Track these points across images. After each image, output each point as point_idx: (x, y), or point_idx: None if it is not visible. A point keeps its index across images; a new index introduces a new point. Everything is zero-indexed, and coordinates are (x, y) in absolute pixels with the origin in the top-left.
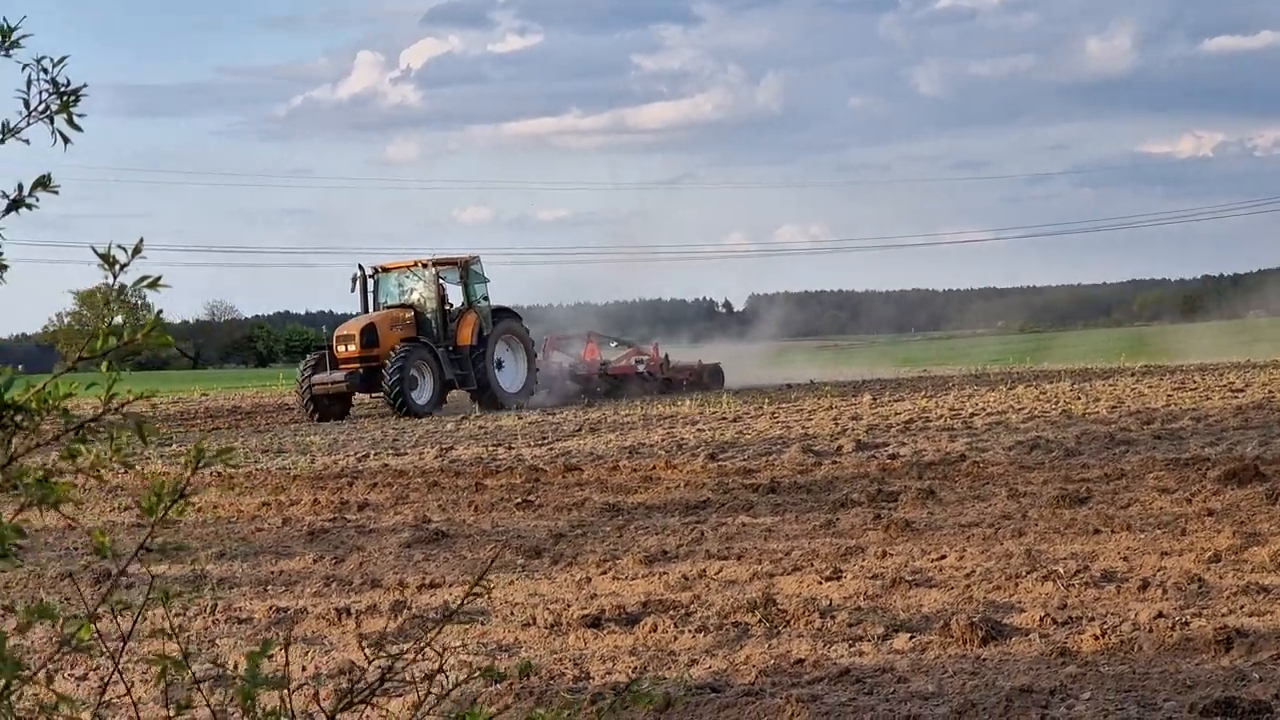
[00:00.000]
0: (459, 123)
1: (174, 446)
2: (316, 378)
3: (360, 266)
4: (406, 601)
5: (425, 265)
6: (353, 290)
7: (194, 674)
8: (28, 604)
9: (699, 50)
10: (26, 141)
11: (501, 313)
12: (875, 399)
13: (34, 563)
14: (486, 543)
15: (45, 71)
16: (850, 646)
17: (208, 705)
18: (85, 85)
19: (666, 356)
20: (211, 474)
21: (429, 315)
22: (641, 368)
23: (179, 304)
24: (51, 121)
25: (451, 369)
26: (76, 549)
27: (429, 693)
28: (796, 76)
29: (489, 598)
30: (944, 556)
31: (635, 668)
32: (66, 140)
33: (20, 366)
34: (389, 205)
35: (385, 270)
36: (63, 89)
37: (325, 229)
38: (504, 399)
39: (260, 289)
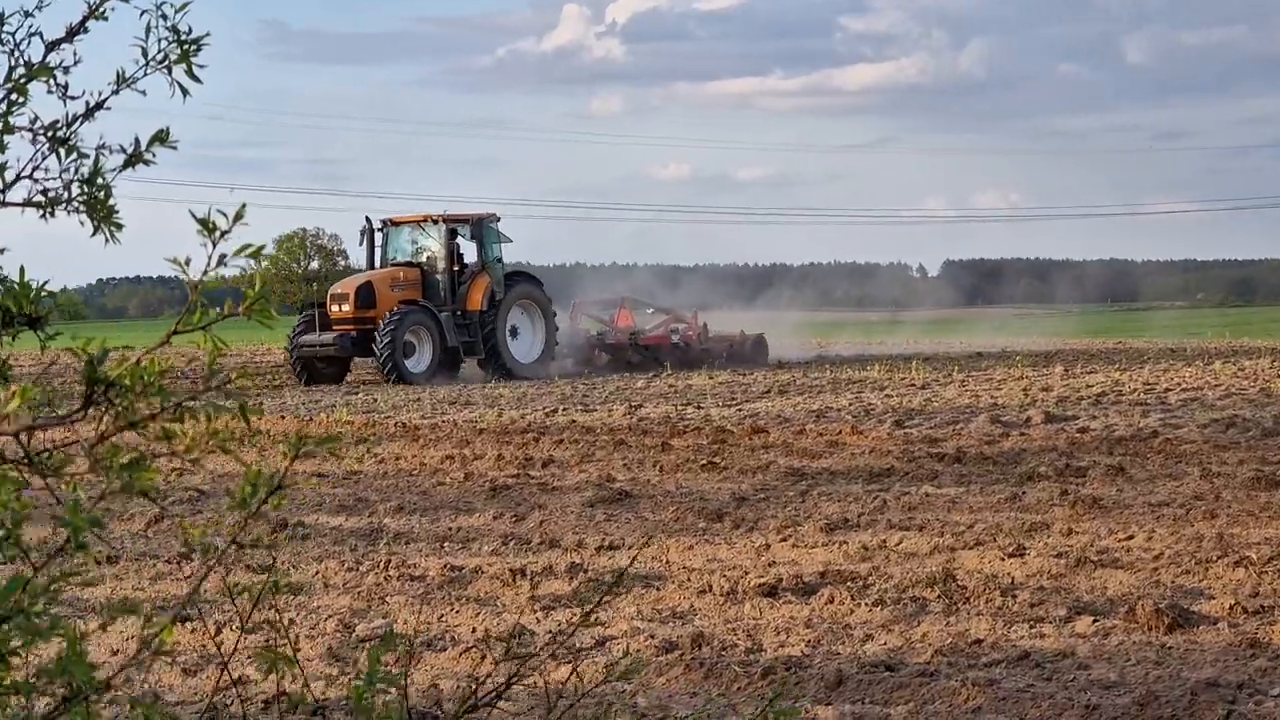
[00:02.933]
0: (662, 79)
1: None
2: (305, 339)
3: (368, 219)
4: (584, 564)
5: (436, 221)
6: (360, 244)
7: (302, 672)
8: (203, 551)
9: (905, 12)
10: (143, 93)
11: (519, 276)
12: (1067, 370)
13: (214, 508)
14: (669, 504)
15: (165, 18)
16: (1031, 628)
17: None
18: (208, 34)
19: (705, 326)
20: (396, 425)
21: (438, 276)
22: (676, 337)
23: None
24: (170, 72)
25: (457, 335)
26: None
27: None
28: (1002, 42)
29: (666, 563)
30: (1131, 537)
31: (810, 641)
32: (185, 92)
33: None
34: (587, 160)
35: (395, 224)
36: (183, 37)
37: (521, 182)
38: (516, 369)
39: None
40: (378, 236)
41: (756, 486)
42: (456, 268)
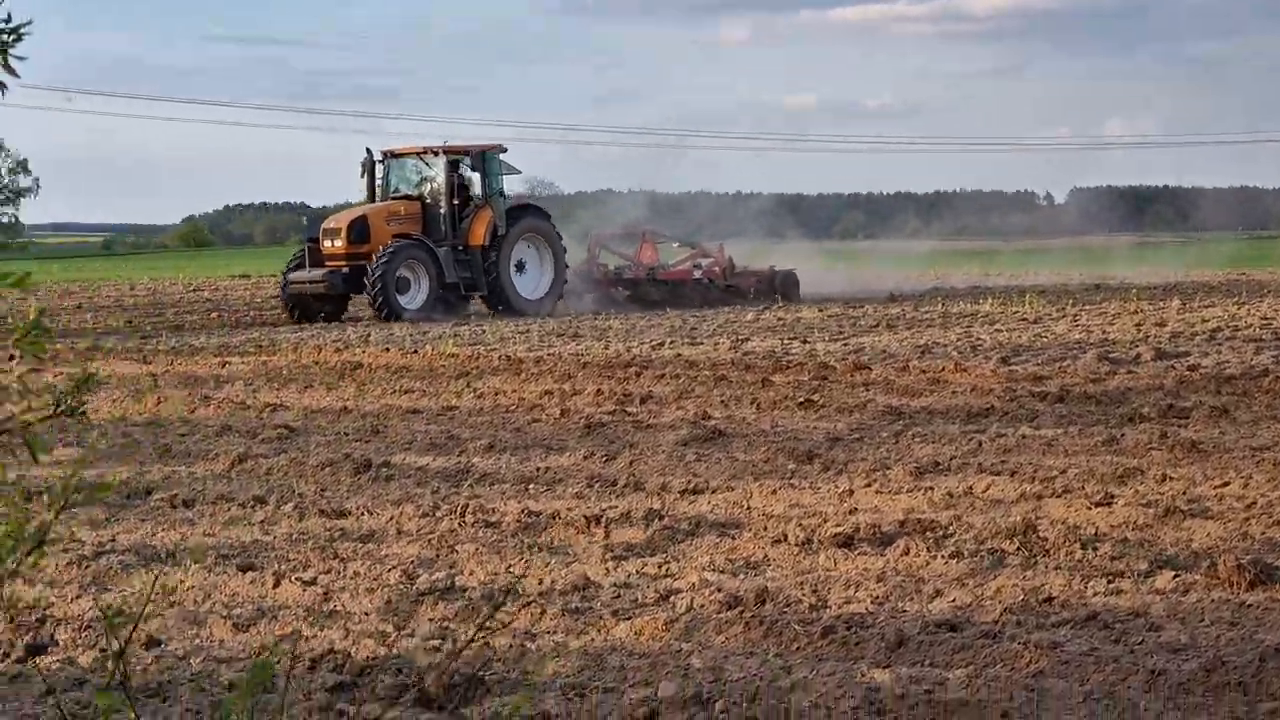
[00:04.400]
0: (790, 6)
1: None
2: (295, 275)
3: (368, 150)
4: (663, 510)
5: (437, 152)
6: (361, 176)
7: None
8: (282, 493)
9: None
10: None
11: (525, 209)
12: (1184, 304)
13: (301, 448)
14: (761, 444)
15: None
16: (1108, 583)
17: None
18: (29, 22)
19: (731, 260)
20: (500, 358)
21: (439, 209)
22: (699, 273)
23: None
24: None
25: (457, 271)
26: (348, 433)
27: None
28: None
29: (747, 508)
30: (1227, 484)
31: (877, 597)
32: (3, 87)
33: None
34: (713, 87)
35: (396, 156)
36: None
37: (647, 110)
38: (521, 306)
39: (581, 167)
40: (378, 169)
41: (852, 426)
42: (457, 201)
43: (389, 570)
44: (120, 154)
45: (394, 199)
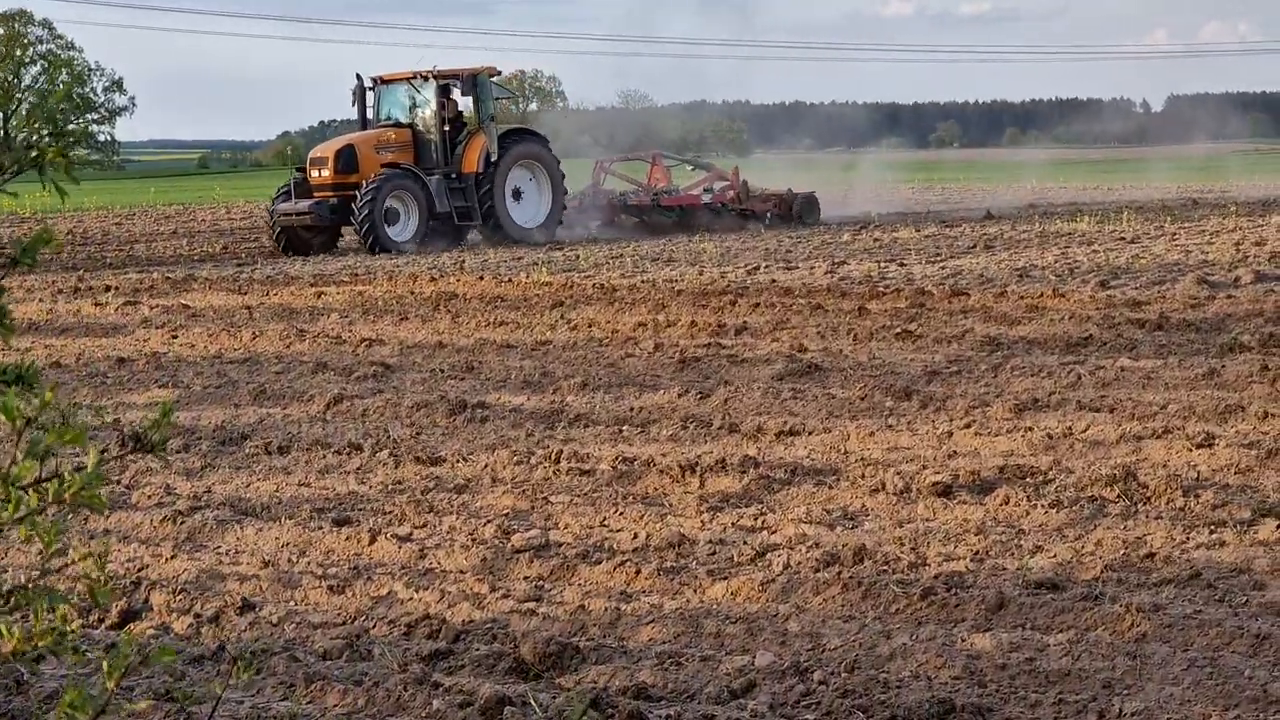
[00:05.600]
0: None
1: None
2: (281, 206)
3: (359, 76)
4: (758, 455)
5: (426, 77)
6: (352, 104)
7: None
8: (377, 439)
9: None
10: None
11: (521, 134)
12: None
13: (396, 387)
14: (858, 379)
15: None
16: (1210, 534)
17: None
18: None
19: (745, 183)
20: (594, 286)
21: (431, 136)
22: (708, 197)
23: (594, 90)
24: None
25: (449, 200)
26: (443, 371)
27: None
28: None
29: (844, 452)
30: None
31: (977, 552)
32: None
33: None
34: None
35: (386, 82)
36: None
37: (747, 19)
38: (517, 234)
39: (676, 77)
40: (369, 96)
41: (950, 358)
42: (448, 128)
43: (484, 524)
44: (216, 71)
45: (383, 126)
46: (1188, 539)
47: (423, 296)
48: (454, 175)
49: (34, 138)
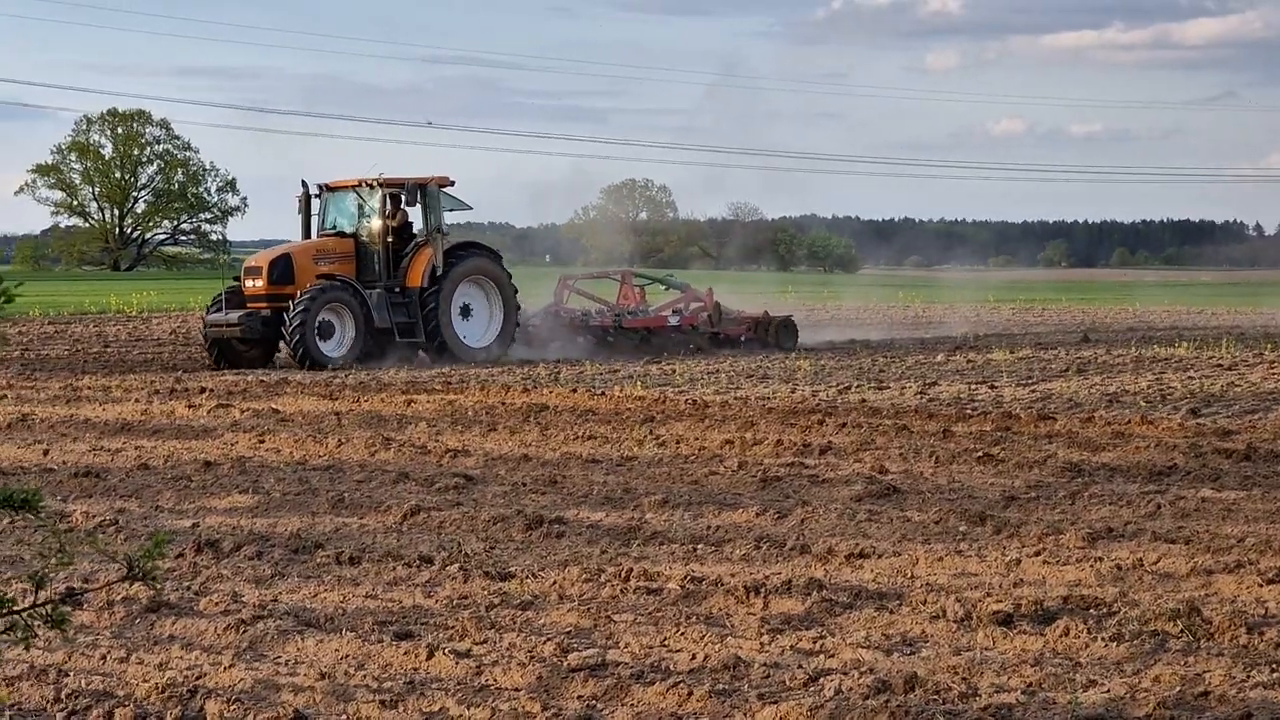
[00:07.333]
0: (998, 32)
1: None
2: (213, 317)
3: (304, 184)
4: (825, 578)
5: (373, 185)
6: (298, 212)
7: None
8: (449, 551)
9: None
10: None
11: (471, 248)
12: None
13: (476, 500)
14: (935, 502)
15: None
16: (1271, 673)
17: None
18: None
19: (719, 305)
20: (686, 402)
21: (375, 247)
22: (676, 319)
23: (705, 202)
24: None
25: (390, 315)
26: (525, 484)
27: None
28: None
29: (910, 576)
30: None
31: (1030, 684)
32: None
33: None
34: (921, 113)
35: (333, 189)
36: None
37: (856, 135)
38: (462, 353)
39: (786, 191)
40: (314, 203)
41: (1030, 483)
42: (392, 239)
43: (544, 642)
44: (323, 173)
45: (326, 235)
46: (1247, 677)
47: (513, 407)
48: (397, 289)
49: None
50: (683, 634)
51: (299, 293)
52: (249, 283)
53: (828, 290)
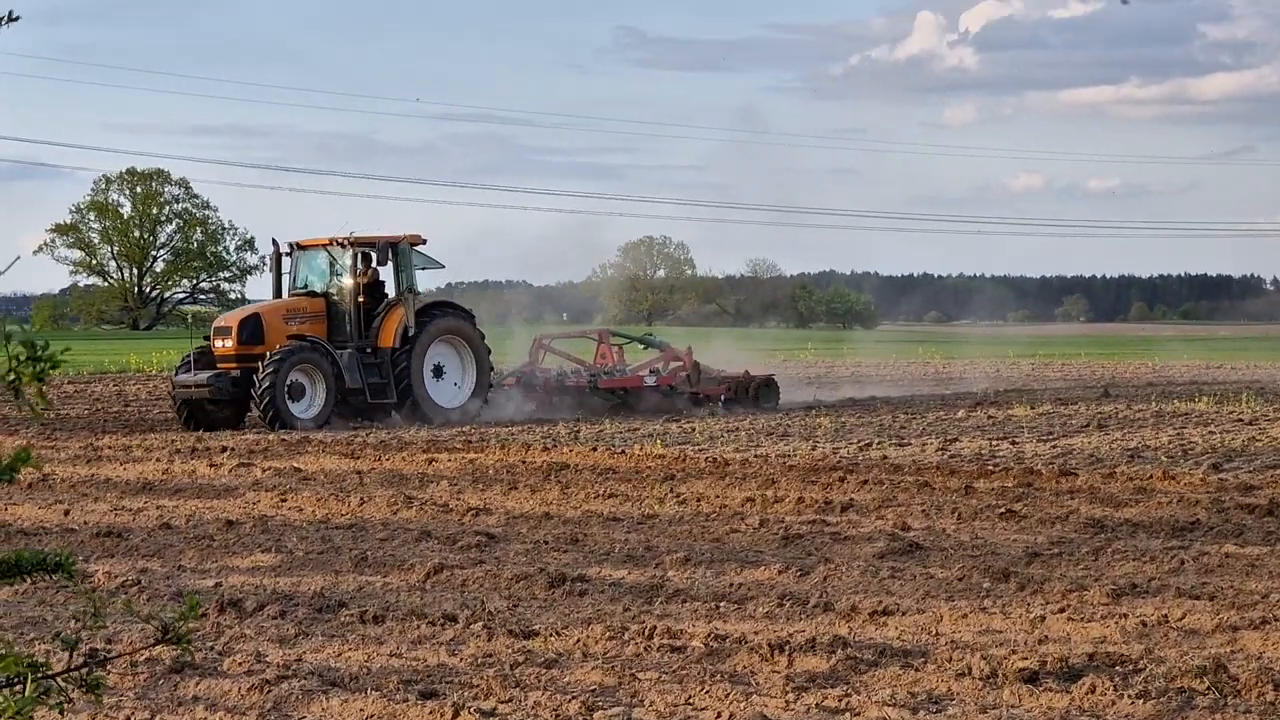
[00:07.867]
0: (1015, 88)
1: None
2: (181, 377)
3: (274, 242)
4: (849, 635)
5: (344, 244)
6: (269, 270)
7: None
8: (473, 610)
9: (1267, 20)
10: None
11: (443, 308)
12: None
13: (498, 558)
14: (958, 559)
15: None
16: None
17: None
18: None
19: (697, 365)
20: (707, 460)
21: (345, 307)
22: (653, 379)
23: (722, 259)
24: None
25: (361, 375)
26: (547, 542)
27: None
28: None
29: (935, 634)
30: None
31: None
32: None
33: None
34: (939, 169)
35: (304, 248)
36: None
37: (874, 190)
38: (434, 414)
39: (804, 247)
40: (285, 261)
41: (1052, 539)
42: (363, 299)
43: (569, 700)
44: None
45: (297, 295)
46: None
47: (533, 466)
48: (369, 349)
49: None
50: (707, 692)
51: (269, 353)
52: (218, 343)
53: (846, 346)
